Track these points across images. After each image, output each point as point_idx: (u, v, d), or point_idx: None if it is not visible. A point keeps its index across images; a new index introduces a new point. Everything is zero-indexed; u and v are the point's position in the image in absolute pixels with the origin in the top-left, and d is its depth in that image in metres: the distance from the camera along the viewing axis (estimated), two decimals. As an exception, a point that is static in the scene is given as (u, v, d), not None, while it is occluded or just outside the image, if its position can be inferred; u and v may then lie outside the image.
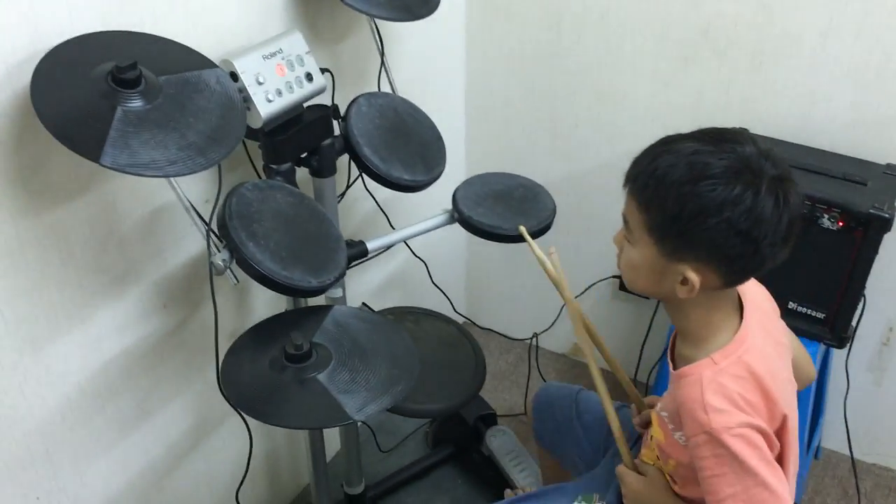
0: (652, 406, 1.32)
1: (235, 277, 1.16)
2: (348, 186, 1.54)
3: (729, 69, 1.70)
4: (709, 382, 1.02)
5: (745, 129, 1.13)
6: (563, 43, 1.86)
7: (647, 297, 1.92)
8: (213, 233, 1.15)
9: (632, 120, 1.87)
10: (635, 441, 1.33)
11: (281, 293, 1.16)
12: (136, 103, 1.00)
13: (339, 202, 1.48)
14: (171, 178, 1.10)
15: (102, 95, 0.99)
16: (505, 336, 2.33)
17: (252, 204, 1.18)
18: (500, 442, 1.83)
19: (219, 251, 1.14)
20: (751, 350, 1.05)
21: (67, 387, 1.24)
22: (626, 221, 1.06)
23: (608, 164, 1.96)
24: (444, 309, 1.79)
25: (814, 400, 1.72)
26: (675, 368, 1.11)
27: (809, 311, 1.58)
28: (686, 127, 1.86)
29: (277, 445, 1.79)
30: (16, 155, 1.05)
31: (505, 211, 1.54)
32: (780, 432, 1.07)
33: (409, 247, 1.77)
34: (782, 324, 1.18)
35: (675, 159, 0.98)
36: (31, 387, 1.18)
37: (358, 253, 1.48)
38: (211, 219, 1.15)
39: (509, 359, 2.28)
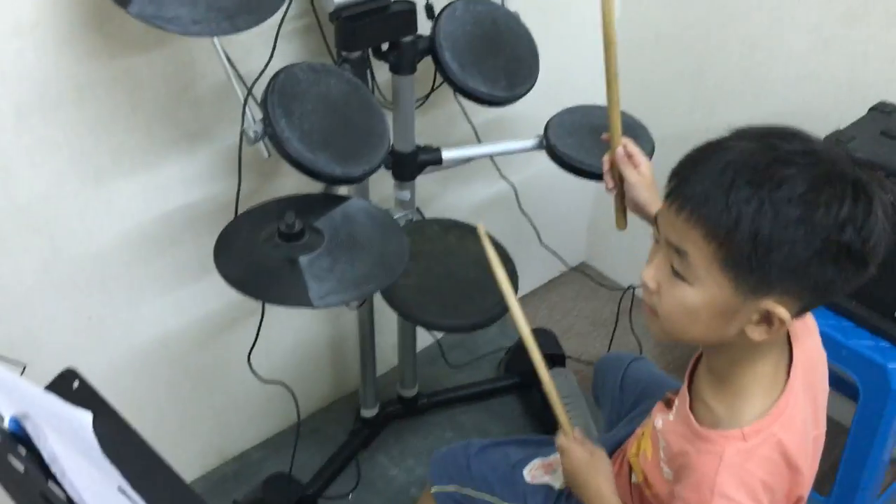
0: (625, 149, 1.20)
1: (267, 150, 1.19)
2: (432, 90, 1.51)
3: (901, 33, 1.46)
4: (729, 464, 0.86)
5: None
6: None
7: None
8: (256, 101, 1.19)
9: (784, 77, 1.67)
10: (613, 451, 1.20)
11: (306, 175, 1.18)
12: (179, -40, 1.03)
13: (418, 106, 1.46)
14: (216, 42, 1.14)
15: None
16: (612, 286, 2.22)
17: (300, 83, 1.19)
18: (558, 383, 1.76)
19: (254, 122, 1.18)
20: (788, 422, 0.88)
21: (128, 223, 1.35)
22: (676, 253, 0.84)
23: (749, 122, 1.76)
24: (531, 239, 1.72)
25: None
26: (692, 412, 0.94)
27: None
28: (847, 92, 1.61)
29: (346, 335, 1.83)
30: (90, -3, 1.13)
31: (594, 146, 1.45)
32: None
33: (494, 163, 1.72)
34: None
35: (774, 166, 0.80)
36: (90, 215, 1.30)
37: (430, 159, 1.47)
38: (251, 88, 1.18)
39: (613, 308, 2.18)
